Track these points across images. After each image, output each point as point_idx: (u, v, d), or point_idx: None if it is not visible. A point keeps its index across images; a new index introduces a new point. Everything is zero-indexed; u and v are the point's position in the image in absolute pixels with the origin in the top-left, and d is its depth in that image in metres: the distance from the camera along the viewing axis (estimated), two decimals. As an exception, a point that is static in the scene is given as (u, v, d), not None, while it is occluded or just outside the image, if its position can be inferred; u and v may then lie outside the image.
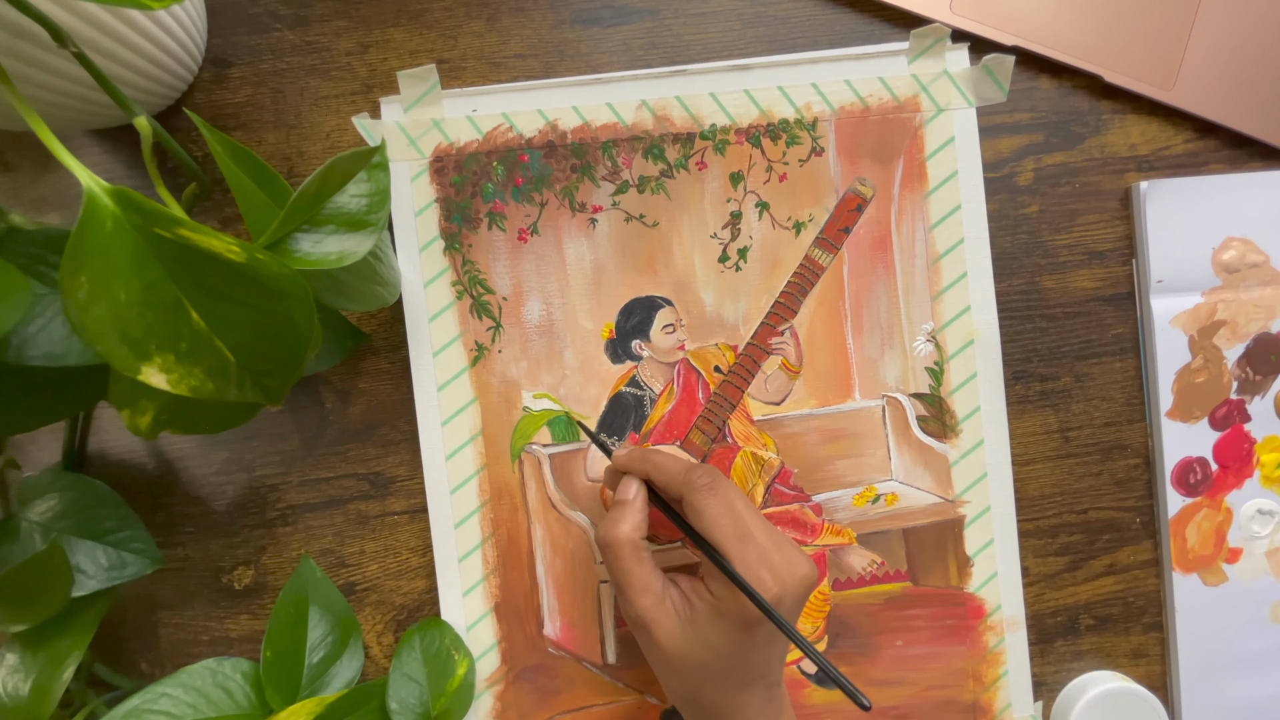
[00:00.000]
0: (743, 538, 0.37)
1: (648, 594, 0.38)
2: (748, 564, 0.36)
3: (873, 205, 0.48)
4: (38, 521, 0.42)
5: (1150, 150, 0.49)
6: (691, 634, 0.38)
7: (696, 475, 0.38)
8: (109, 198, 0.29)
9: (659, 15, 0.48)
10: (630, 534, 0.39)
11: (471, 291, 0.47)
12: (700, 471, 0.39)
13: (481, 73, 0.47)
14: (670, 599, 0.38)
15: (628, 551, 0.39)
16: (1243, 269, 0.48)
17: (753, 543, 0.37)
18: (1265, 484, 0.49)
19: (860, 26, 0.48)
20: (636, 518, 0.40)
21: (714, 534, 0.37)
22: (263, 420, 0.47)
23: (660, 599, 0.38)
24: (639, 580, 0.38)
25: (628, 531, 0.39)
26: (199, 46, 0.45)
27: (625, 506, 0.40)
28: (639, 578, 0.39)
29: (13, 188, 0.47)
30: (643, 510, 0.40)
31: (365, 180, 0.36)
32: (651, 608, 0.38)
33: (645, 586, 0.38)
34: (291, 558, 0.47)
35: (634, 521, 0.40)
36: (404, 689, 0.44)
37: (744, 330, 0.48)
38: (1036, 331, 0.49)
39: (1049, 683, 0.49)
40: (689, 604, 0.38)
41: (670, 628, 0.38)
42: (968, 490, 0.48)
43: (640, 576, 0.39)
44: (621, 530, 0.39)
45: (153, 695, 0.41)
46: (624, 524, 0.39)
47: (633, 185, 0.47)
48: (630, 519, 0.40)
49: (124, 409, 0.36)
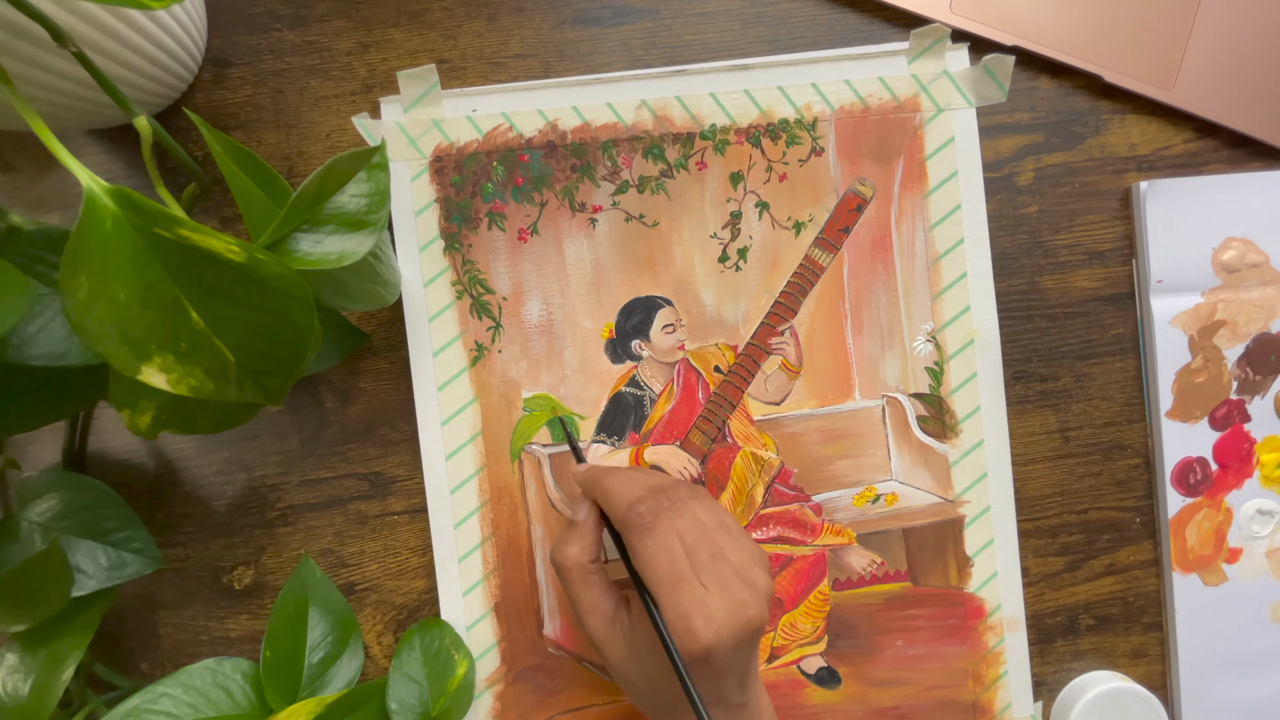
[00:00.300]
0: (677, 582, 0.35)
1: (596, 616, 0.38)
2: (678, 611, 0.35)
3: (873, 205, 0.48)
4: (38, 521, 0.42)
5: (1150, 150, 0.49)
6: (635, 659, 0.38)
7: (636, 514, 0.37)
8: (109, 197, 0.29)
9: (659, 15, 0.48)
10: (578, 557, 0.39)
11: (471, 291, 0.47)
12: (644, 509, 0.37)
13: (481, 73, 0.47)
14: (620, 622, 0.38)
15: (576, 575, 0.39)
16: (1243, 269, 0.48)
17: (688, 588, 0.35)
18: (1265, 484, 0.49)
19: (860, 26, 0.48)
20: (586, 540, 0.40)
21: (647, 576, 0.36)
22: (263, 420, 0.47)
23: (609, 621, 0.38)
24: (587, 602, 0.39)
25: (575, 555, 0.39)
26: (199, 46, 0.45)
27: (575, 529, 0.40)
28: (588, 600, 0.39)
29: (13, 188, 0.47)
30: (593, 533, 0.40)
31: (365, 180, 0.36)
32: (600, 630, 0.38)
33: (593, 608, 0.38)
34: (291, 558, 0.47)
35: (582, 544, 0.40)
36: (404, 689, 0.44)
37: (744, 330, 0.48)
38: (1036, 331, 0.49)
39: (1049, 683, 0.49)
40: (635, 632, 0.38)
41: (619, 651, 0.38)
42: (968, 490, 0.48)
43: (589, 599, 0.39)
44: (569, 553, 0.39)
45: (153, 695, 0.41)
46: (572, 547, 0.39)
47: (633, 185, 0.47)
48: (578, 542, 0.40)
49: (124, 409, 0.36)
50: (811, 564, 0.48)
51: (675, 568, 0.36)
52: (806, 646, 0.48)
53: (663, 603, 0.36)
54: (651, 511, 0.37)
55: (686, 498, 0.38)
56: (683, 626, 0.35)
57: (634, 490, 0.38)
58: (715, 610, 0.35)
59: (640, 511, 0.37)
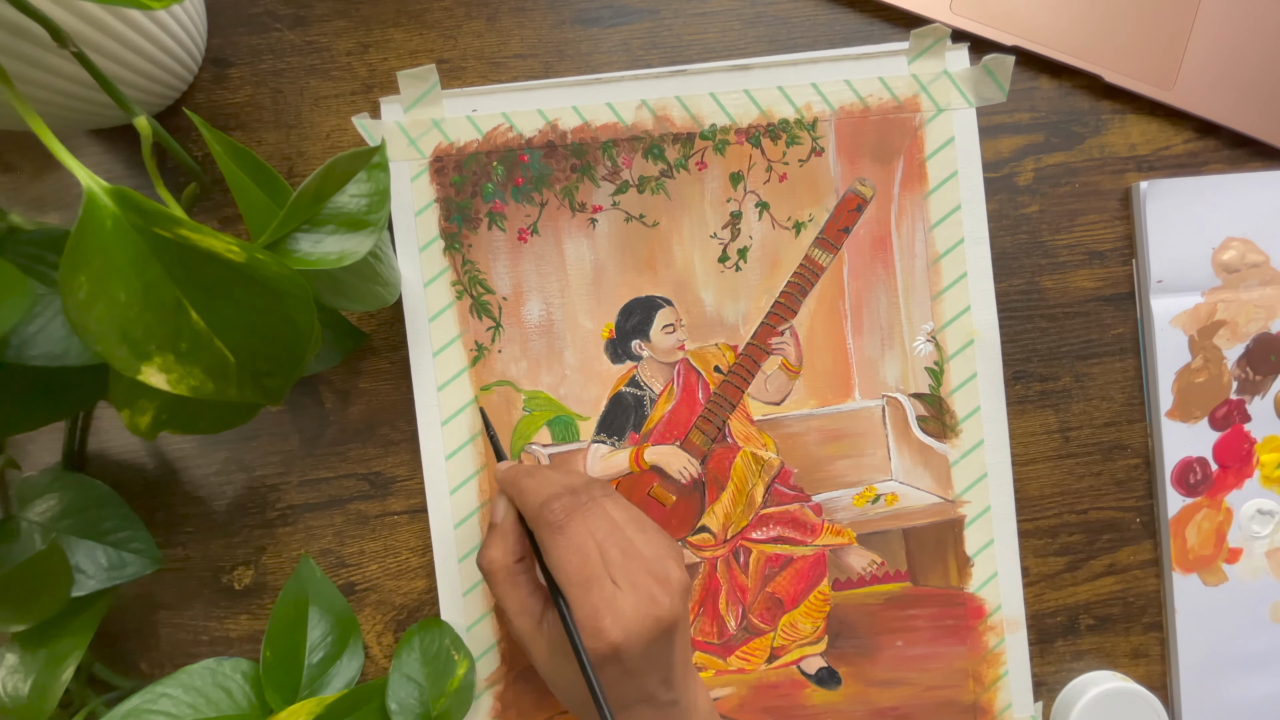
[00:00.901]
0: (587, 582, 0.36)
1: (524, 616, 0.39)
2: (587, 610, 0.35)
3: (873, 205, 0.48)
4: (38, 521, 0.42)
5: (1150, 150, 0.49)
6: (554, 662, 0.38)
7: (549, 511, 0.37)
8: (109, 197, 0.29)
9: (659, 15, 0.48)
10: (501, 559, 0.39)
11: (471, 291, 0.47)
12: (556, 506, 0.37)
13: (481, 73, 0.47)
14: (547, 621, 0.38)
15: (501, 576, 0.39)
16: (1243, 269, 0.48)
17: (598, 587, 0.36)
18: (1265, 484, 0.49)
19: (860, 26, 0.48)
20: (507, 540, 0.39)
21: (559, 576, 0.36)
22: (263, 420, 0.47)
23: (536, 622, 0.38)
24: (514, 603, 0.39)
25: (498, 557, 0.39)
26: (199, 46, 0.45)
27: (495, 530, 0.40)
28: (514, 601, 0.39)
29: (13, 188, 0.47)
30: (513, 532, 0.40)
31: (365, 180, 0.36)
32: (527, 630, 0.38)
33: (521, 609, 0.39)
34: (291, 558, 0.47)
35: (504, 545, 0.39)
36: (404, 689, 0.44)
37: (744, 330, 0.48)
38: (1036, 331, 0.49)
39: (1049, 683, 0.49)
40: (555, 632, 0.38)
41: (542, 649, 0.38)
42: (968, 490, 0.48)
43: (516, 600, 0.39)
44: (492, 555, 0.39)
45: (153, 695, 0.41)
46: (494, 549, 0.39)
47: (633, 185, 0.47)
48: (499, 544, 0.39)
49: (124, 409, 0.36)
50: (811, 564, 0.48)
51: (586, 566, 0.36)
52: (806, 646, 0.48)
53: (573, 602, 0.36)
54: (564, 509, 0.37)
55: (599, 496, 0.39)
56: (591, 625, 0.35)
57: (547, 489, 0.38)
58: (625, 608, 0.35)
59: (553, 508, 0.37)
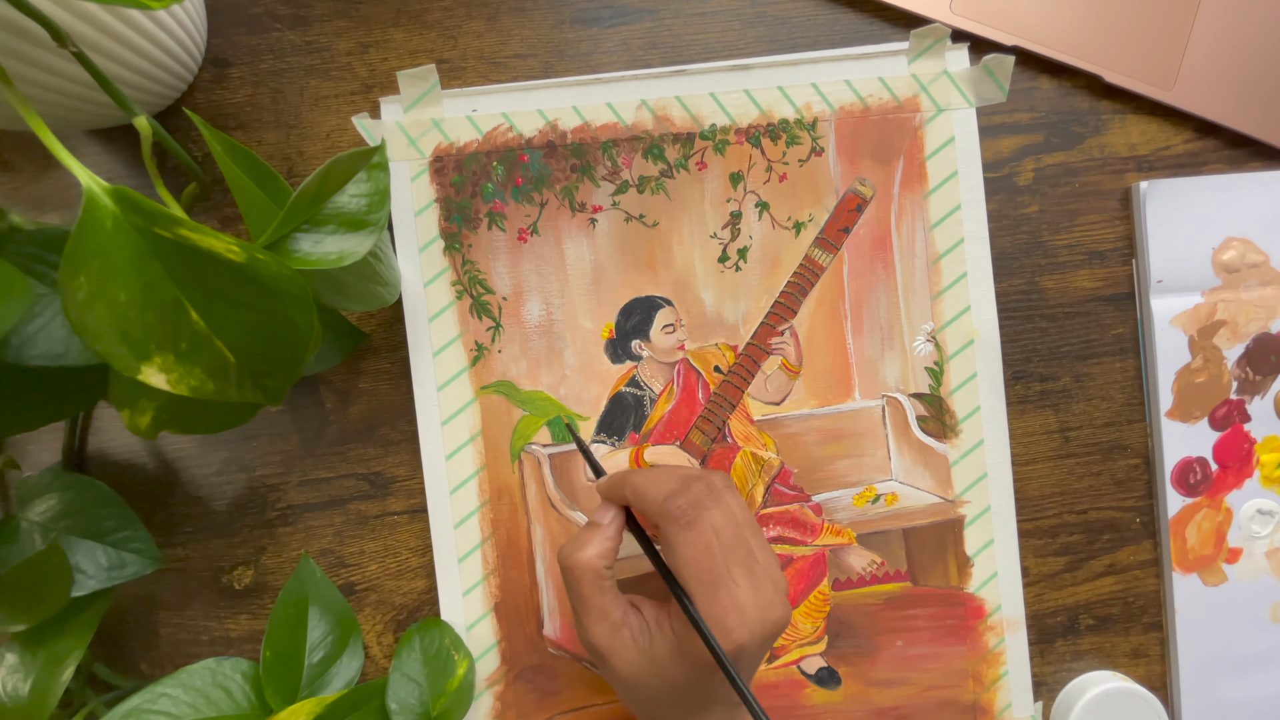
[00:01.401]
0: (715, 582, 0.35)
1: (604, 622, 0.37)
2: (716, 610, 0.35)
3: (873, 205, 0.48)
4: (38, 521, 0.42)
5: (1150, 150, 0.49)
6: (649, 665, 0.37)
7: (675, 506, 0.36)
8: (108, 197, 0.29)
9: (659, 15, 0.48)
10: (593, 560, 0.38)
11: (471, 291, 0.47)
12: (682, 502, 0.36)
13: (481, 73, 0.47)
14: (629, 627, 0.37)
15: (589, 578, 0.38)
16: (1243, 269, 0.48)
17: (725, 587, 0.35)
18: (1265, 484, 0.49)
19: (860, 26, 0.48)
20: (605, 545, 0.38)
21: (684, 574, 0.36)
22: (263, 420, 0.47)
23: (617, 628, 0.37)
24: (596, 607, 0.37)
25: (590, 557, 0.38)
26: (199, 46, 0.45)
27: (596, 531, 0.39)
28: (597, 605, 0.37)
29: (13, 188, 0.47)
30: (614, 538, 0.39)
31: (365, 180, 0.36)
32: (606, 636, 0.37)
33: (602, 614, 0.37)
34: (291, 558, 0.47)
35: (600, 549, 0.38)
36: (404, 689, 0.44)
37: (744, 330, 0.48)
38: (1036, 331, 0.49)
39: (1049, 683, 0.49)
40: (649, 635, 0.37)
41: (627, 656, 0.37)
42: (968, 490, 0.48)
43: (598, 604, 0.37)
44: (585, 555, 0.38)
45: (152, 695, 0.41)
46: (589, 549, 0.38)
47: (633, 185, 0.47)
48: (596, 545, 0.38)
49: (124, 409, 0.36)
50: (811, 564, 0.48)
51: (713, 566, 0.35)
52: (806, 646, 0.48)
53: (700, 602, 0.35)
54: (692, 504, 0.36)
55: (721, 488, 0.38)
56: (718, 625, 0.35)
57: (668, 484, 0.37)
58: (749, 610, 0.35)
59: (680, 505, 0.36)
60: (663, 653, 0.37)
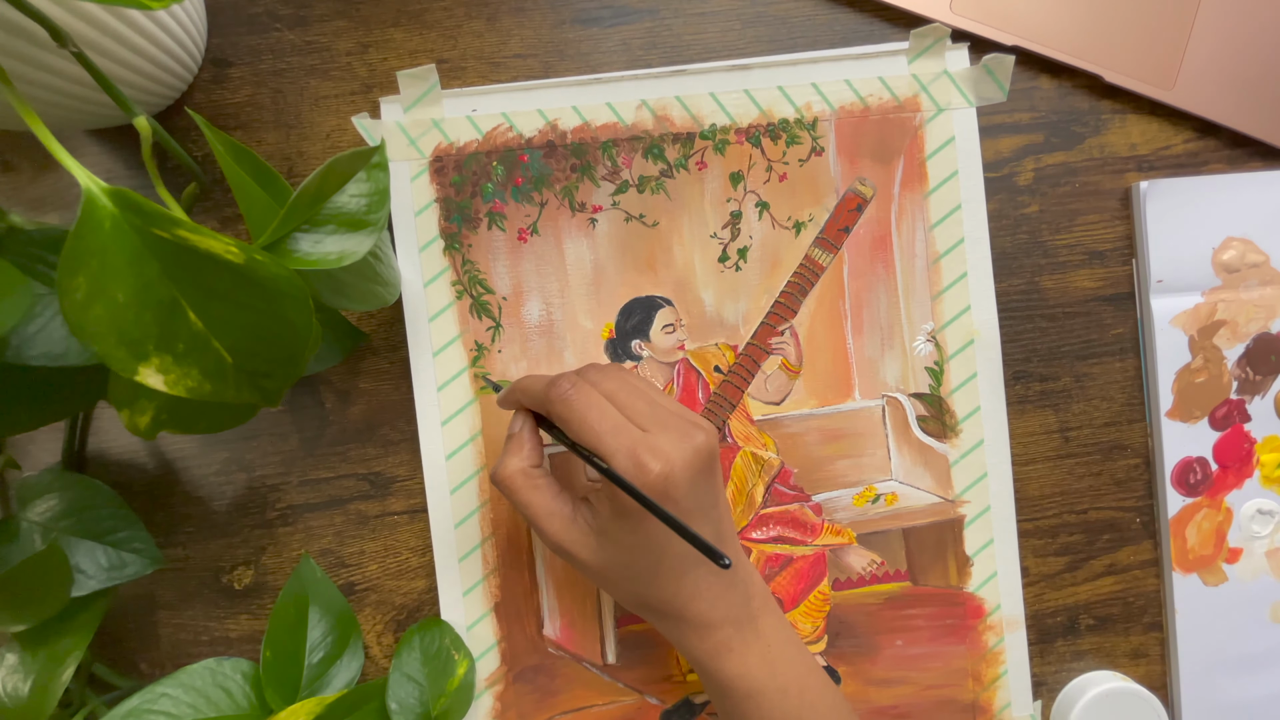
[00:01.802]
0: (615, 430, 0.35)
1: (554, 518, 0.38)
2: (623, 453, 0.35)
3: (873, 205, 0.48)
4: (38, 521, 0.42)
5: (1150, 150, 0.49)
6: (607, 541, 0.37)
7: (557, 389, 0.37)
8: (107, 198, 0.29)
9: (659, 15, 0.48)
10: (519, 464, 0.39)
11: (471, 291, 0.47)
12: (561, 380, 0.37)
13: (481, 73, 0.47)
14: (581, 516, 0.38)
15: (521, 482, 0.38)
16: (1243, 269, 0.48)
17: (627, 431, 0.35)
18: (1265, 484, 0.49)
19: (860, 26, 0.48)
20: (524, 448, 0.39)
21: (584, 436, 0.36)
22: (263, 420, 0.47)
23: (570, 520, 0.38)
24: (541, 508, 0.38)
25: (516, 464, 0.39)
26: (199, 46, 0.45)
27: (512, 440, 0.40)
28: (541, 505, 0.38)
29: (13, 188, 0.47)
30: (530, 439, 0.40)
31: (365, 180, 0.36)
32: (561, 530, 0.38)
33: (549, 511, 0.38)
34: (291, 558, 0.47)
35: (521, 452, 0.39)
36: (404, 689, 0.44)
37: (744, 330, 0.48)
38: (1036, 331, 0.49)
39: (1049, 683, 0.49)
40: (597, 513, 0.37)
41: (586, 543, 0.37)
42: (968, 490, 0.48)
43: (541, 504, 0.38)
44: (510, 464, 0.39)
45: (153, 695, 0.41)
46: (511, 458, 0.39)
47: (633, 185, 0.47)
48: (516, 451, 0.39)
49: (123, 409, 0.36)
50: (811, 564, 0.48)
51: (608, 416, 0.36)
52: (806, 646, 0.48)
53: (606, 452, 0.35)
54: (569, 382, 0.37)
55: (611, 369, 0.39)
56: (630, 466, 0.35)
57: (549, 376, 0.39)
58: (661, 443, 0.35)
59: (559, 384, 0.37)
60: (610, 520, 0.37)
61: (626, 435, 0.35)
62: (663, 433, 0.36)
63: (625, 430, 0.36)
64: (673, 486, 0.35)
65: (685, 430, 0.36)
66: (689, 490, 0.36)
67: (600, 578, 0.39)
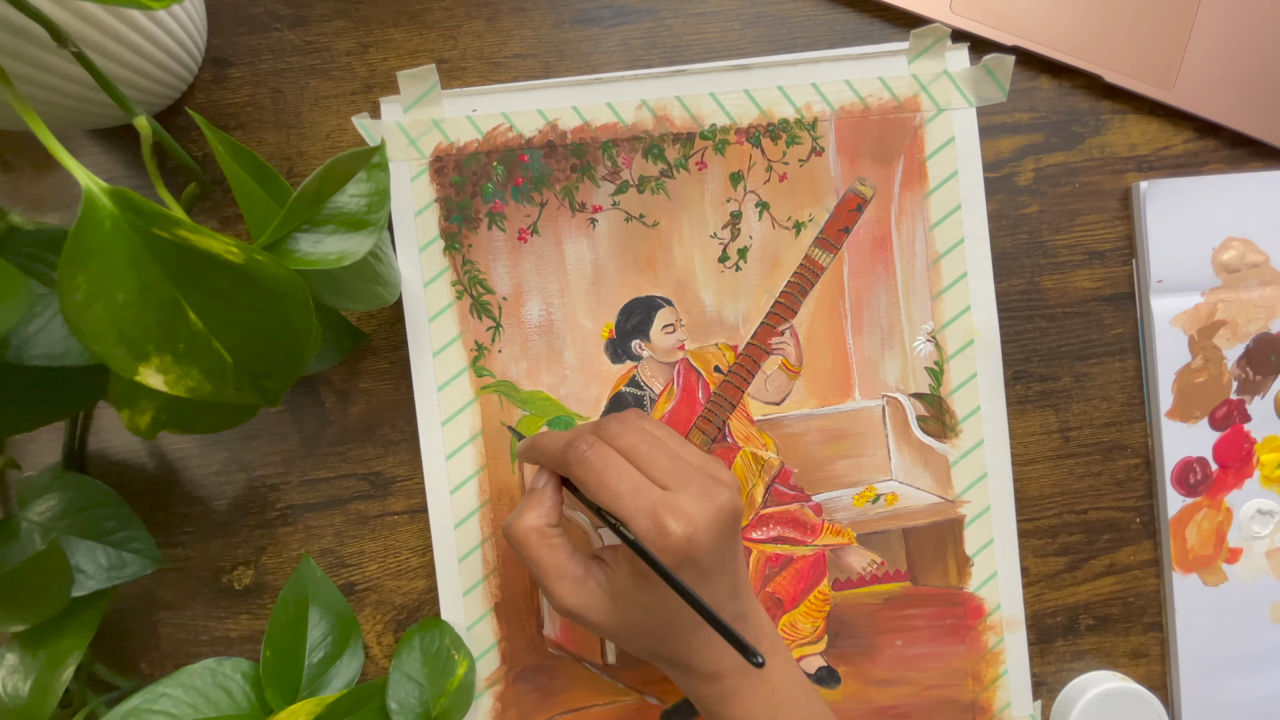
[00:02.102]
0: (635, 490, 0.35)
1: (565, 580, 0.37)
2: (644, 515, 0.34)
3: (873, 205, 0.48)
4: (38, 521, 0.42)
5: (1150, 150, 0.49)
6: (622, 603, 0.37)
7: (572, 449, 0.36)
8: (107, 198, 0.29)
9: (659, 15, 0.48)
10: (534, 522, 0.38)
11: (471, 291, 0.47)
12: (578, 441, 0.36)
13: (481, 73, 0.47)
14: (594, 578, 0.37)
15: (534, 540, 0.37)
16: (1243, 269, 0.48)
17: (648, 492, 0.35)
18: (1265, 484, 0.49)
19: (860, 26, 0.48)
20: (543, 505, 0.38)
21: (603, 499, 0.35)
22: (263, 420, 0.47)
23: (581, 582, 0.37)
24: (554, 568, 0.37)
25: (531, 520, 0.38)
26: (199, 46, 0.45)
27: (532, 495, 0.39)
28: (553, 565, 0.37)
29: (13, 188, 0.47)
30: (552, 497, 0.39)
31: (365, 180, 0.36)
32: (571, 593, 0.37)
33: (561, 573, 0.37)
34: (291, 558, 0.47)
35: (540, 509, 0.38)
36: (404, 689, 0.44)
37: (744, 330, 0.48)
38: (1036, 331, 0.49)
39: (1049, 683, 0.49)
40: (612, 575, 0.37)
41: (598, 605, 0.37)
42: (968, 490, 0.48)
43: (554, 564, 0.37)
44: (525, 520, 0.38)
45: (153, 695, 0.41)
46: (528, 513, 0.38)
47: (633, 185, 0.47)
48: (535, 507, 0.38)
49: (123, 409, 0.36)
50: (811, 564, 0.48)
51: (626, 477, 0.35)
52: (806, 646, 0.48)
53: (624, 514, 0.34)
54: (586, 442, 0.36)
55: (630, 420, 0.38)
56: (652, 528, 0.34)
57: (569, 435, 0.38)
58: (684, 504, 0.34)
59: (576, 445, 0.36)
60: (627, 583, 0.36)
61: (647, 496, 0.35)
62: (685, 491, 0.35)
63: (645, 490, 0.35)
64: (695, 549, 0.34)
65: (708, 488, 0.35)
66: (711, 550, 0.35)
67: (611, 636, 0.38)
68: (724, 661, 0.38)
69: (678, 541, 0.34)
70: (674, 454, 0.37)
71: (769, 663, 0.38)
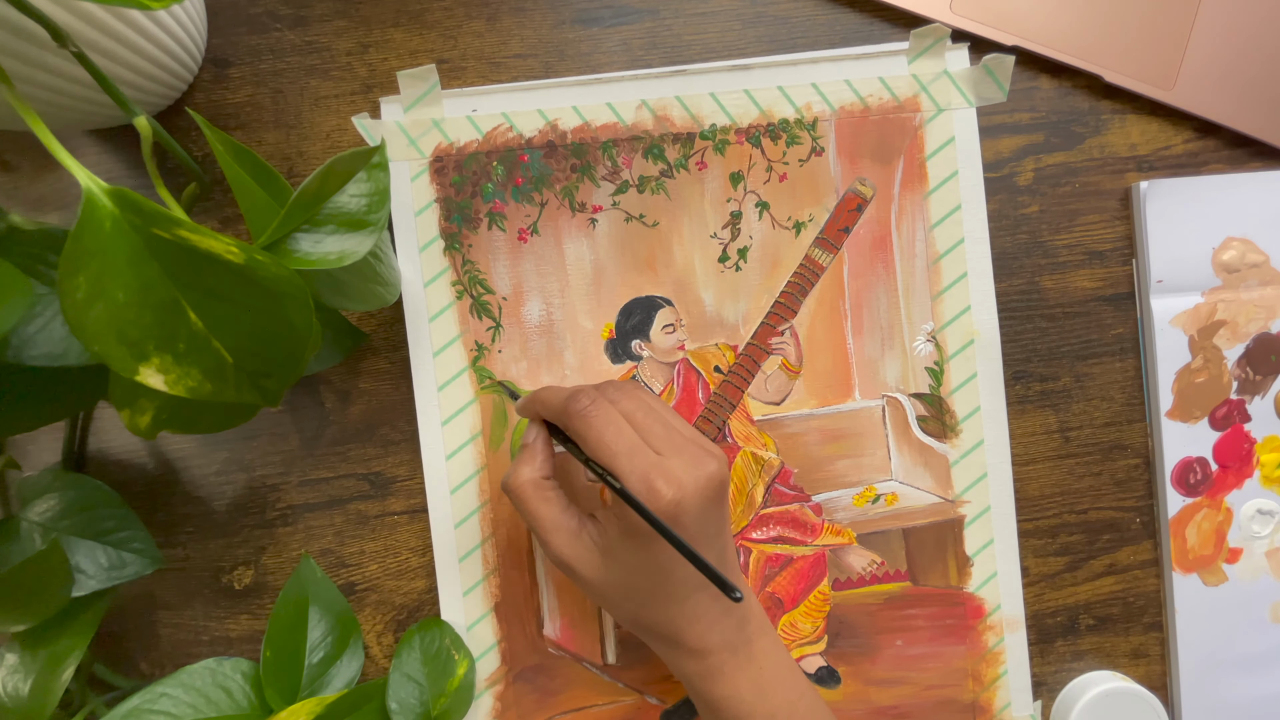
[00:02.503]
0: (631, 451, 0.36)
1: (560, 533, 0.38)
2: (637, 476, 0.35)
3: (873, 205, 0.48)
4: (38, 521, 0.42)
5: (1150, 150, 0.49)
6: (611, 560, 0.37)
7: (576, 404, 0.37)
8: (107, 198, 0.29)
9: (659, 15, 0.48)
10: (531, 475, 0.39)
11: (471, 291, 0.47)
12: (581, 395, 0.37)
13: (481, 73, 0.47)
14: (587, 532, 0.38)
15: (530, 493, 0.39)
16: (1243, 269, 0.48)
17: (642, 454, 0.36)
18: (1265, 484, 0.49)
19: (860, 26, 0.48)
20: (537, 459, 0.39)
21: (599, 454, 0.36)
22: (263, 420, 0.47)
23: (575, 535, 0.38)
24: (549, 521, 0.38)
25: (528, 474, 0.39)
26: (199, 46, 0.45)
27: (526, 450, 0.40)
28: (548, 518, 0.38)
29: (13, 188, 0.47)
30: (544, 451, 0.40)
31: (365, 180, 0.36)
32: (566, 545, 0.38)
33: (556, 526, 0.38)
34: (291, 558, 0.47)
35: (534, 463, 0.39)
36: (404, 689, 0.44)
37: (744, 330, 0.48)
38: (1036, 331, 0.49)
39: (1049, 683, 0.49)
40: (604, 531, 0.38)
41: (590, 560, 0.38)
42: (968, 490, 0.48)
43: (549, 517, 0.38)
44: (522, 474, 0.39)
45: (153, 695, 0.41)
46: (524, 467, 0.39)
47: (633, 185, 0.47)
48: (530, 461, 0.39)
49: (123, 409, 0.36)
50: (811, 564, 0.48)
51: (625, 437, 0.36)
52: (806, 646, 0.48)
53: (620, 472, 0.35)
54: (589, 398, 0.37)
55: (629, 388, 0.39)
56: (644, 489, 0.35)
57: (569, 389, 0.39)
58: (674, 469, 0.35)
59: (579, 399, 0.37)
60: (616, 540, 0.37)
61: (641, 457, 0.36)
62: (677, 458, 0.36)
63: (640, 452, 0.36)
64: (683, 513, 0.35)
65: (699, 457, 0.36)
66: (698, 517, 0.36)
67: (600, 595, 0.39)
68: (711, 638, 0.38)
69: (667, 504, 0.35)
70: (668, 424, 0.38)
71: (756, 644, 0.39)
